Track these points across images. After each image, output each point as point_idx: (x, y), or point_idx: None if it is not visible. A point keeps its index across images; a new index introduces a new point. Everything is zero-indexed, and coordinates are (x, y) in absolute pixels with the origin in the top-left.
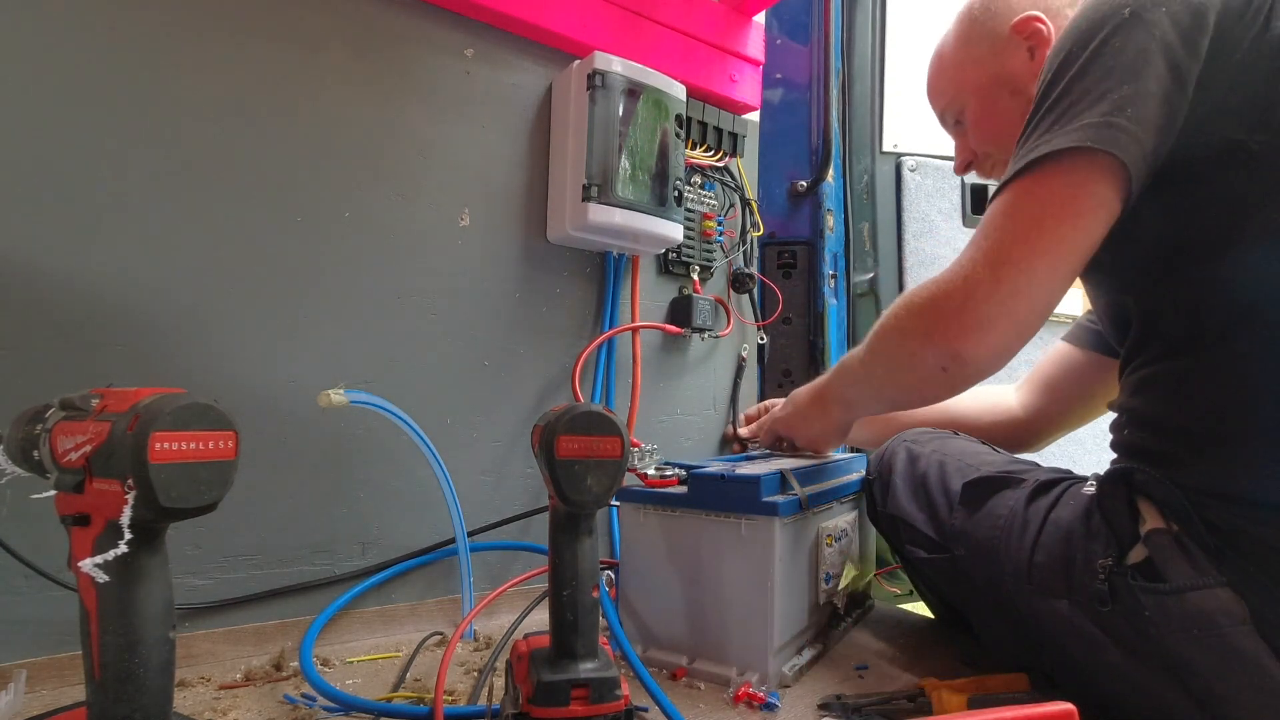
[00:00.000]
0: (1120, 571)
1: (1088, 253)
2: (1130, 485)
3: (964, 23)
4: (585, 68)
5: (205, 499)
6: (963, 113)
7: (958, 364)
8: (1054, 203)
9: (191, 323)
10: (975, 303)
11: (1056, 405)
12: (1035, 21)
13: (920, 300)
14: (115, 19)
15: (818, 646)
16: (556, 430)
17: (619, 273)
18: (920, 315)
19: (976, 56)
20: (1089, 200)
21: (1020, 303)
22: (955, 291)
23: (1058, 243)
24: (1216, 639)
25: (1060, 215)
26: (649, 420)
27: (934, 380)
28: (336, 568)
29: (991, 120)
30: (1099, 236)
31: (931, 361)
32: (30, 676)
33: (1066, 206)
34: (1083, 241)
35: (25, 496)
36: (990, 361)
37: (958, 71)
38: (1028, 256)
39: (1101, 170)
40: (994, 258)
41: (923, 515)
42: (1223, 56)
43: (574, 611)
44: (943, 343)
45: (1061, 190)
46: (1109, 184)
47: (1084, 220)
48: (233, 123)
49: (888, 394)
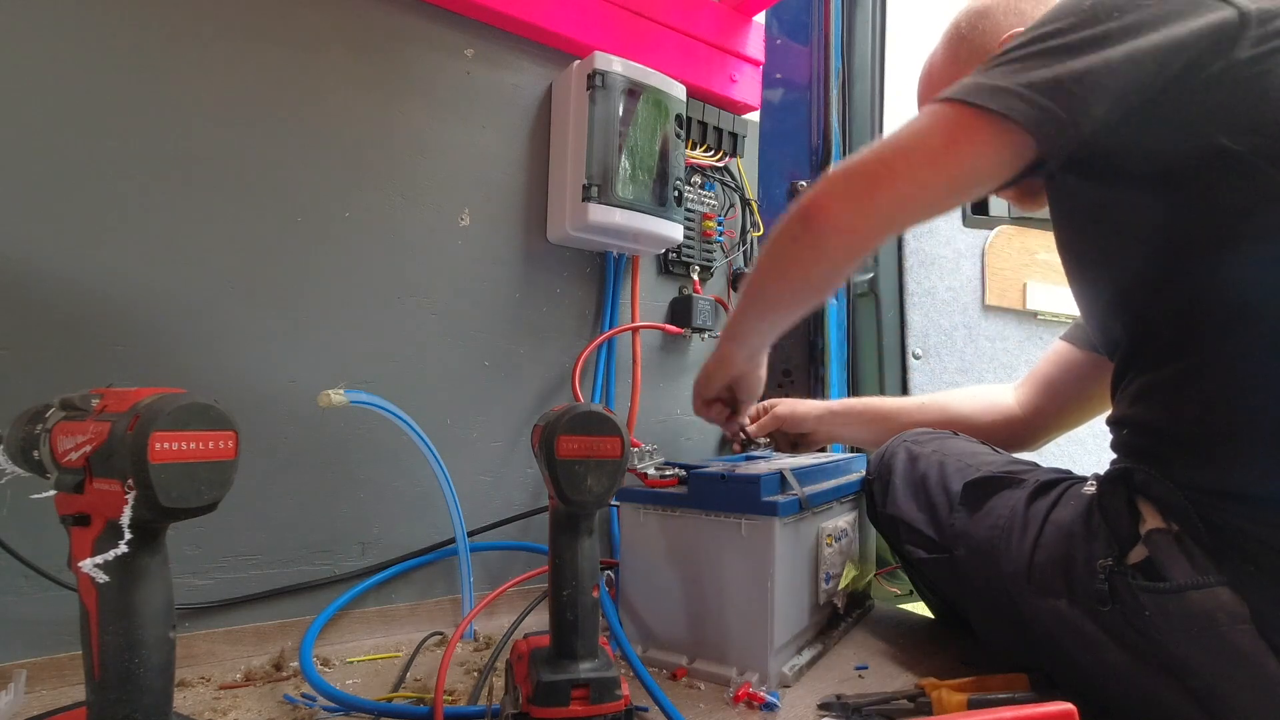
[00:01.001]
0: (1120, 571)
1: (941, 194)
2: (1130, 485)
3: (952, 40)
4: (585, 68)
5: (205, 499)
6: None
7: (807, 231)
8: (928, 140)
9: (191, 323)
10: (828, 183)
11: (1055, 405)
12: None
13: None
14: (116, 20)
15: (818, 646)
16: (556, 430)
17: (619, 273)
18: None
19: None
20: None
21: (862, 202)
22: (819, 181)
23: (909, 177)
24: (1217, 639)
25: (928, 154)
26: (649, 420)
27: (787, 251)
28: (336, 568)
29: None
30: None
31: (790, 233)
32: (30, 676)
33: (939, 150)
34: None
35: (25, 496)
36: (827, 232)
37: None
38: (884, 175)
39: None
40: (857, 163)
41: (923, 515)
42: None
43: (574, 611)
44: (797, 213)
45: (943, 134)
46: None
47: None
48: (233, 123)
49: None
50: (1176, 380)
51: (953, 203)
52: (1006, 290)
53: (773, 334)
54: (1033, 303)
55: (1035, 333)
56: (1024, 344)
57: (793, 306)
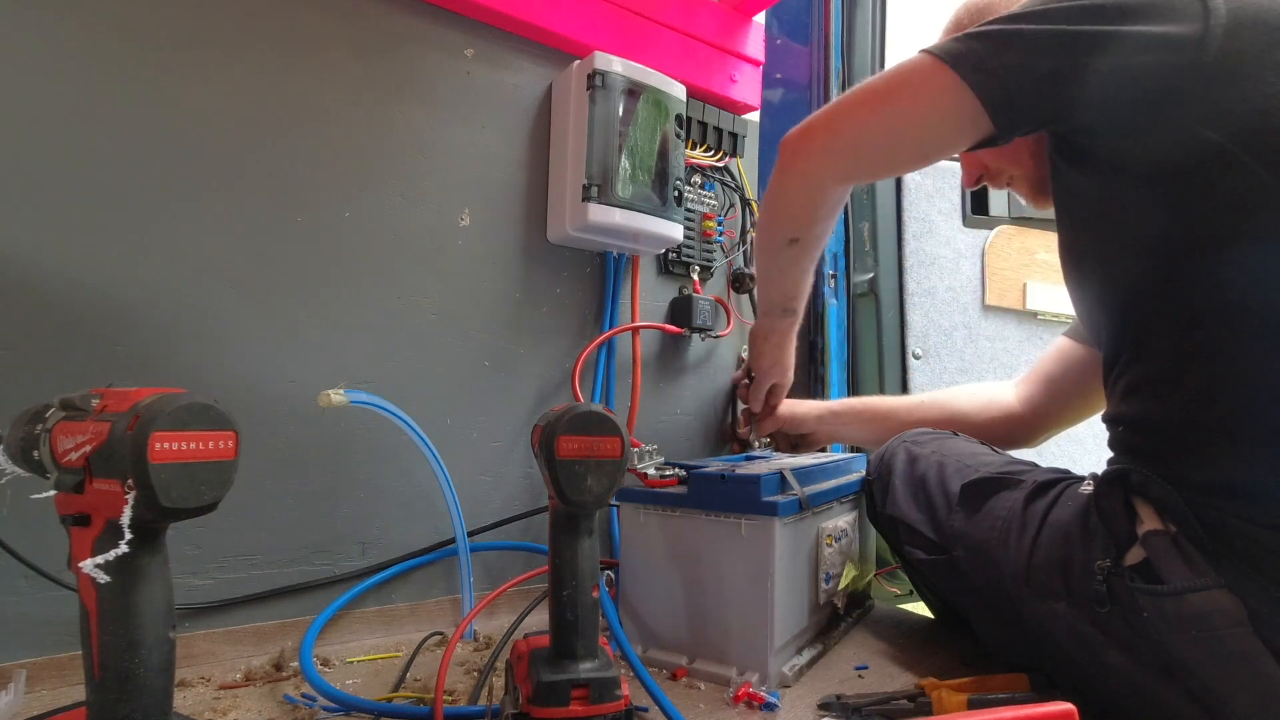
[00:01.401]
0: (1118, 573)
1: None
2: (1127, 486)
3: (952, 31)
4: (585, 68)
5: (205, 499)
6: None
7: (777, 169)
8: (897, 87)
9: (192, 323)
10: (803, 122)
11: (1055, 401)
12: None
13: None
14: (116, 20)
15: (818, 646)
16: (556, 430)
17: (619, 273)
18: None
19: None
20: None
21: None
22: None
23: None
24: (1214, 640)
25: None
26: (649, 420)
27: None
28: (336, 568)
29: None
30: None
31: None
32: (30, 676)
33: (895, 88)
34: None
35: (25, 496)
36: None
37: None
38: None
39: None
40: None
41: (922, 516)
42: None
43: (574, 611)
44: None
45: (911, 82)
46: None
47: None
48: (233, 123)
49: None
50: (1171, 376)
51: (916, 145)
52: (1006, 290)
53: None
54: (1033, 303)
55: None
56: (1024, 344)
57: (783, 252)
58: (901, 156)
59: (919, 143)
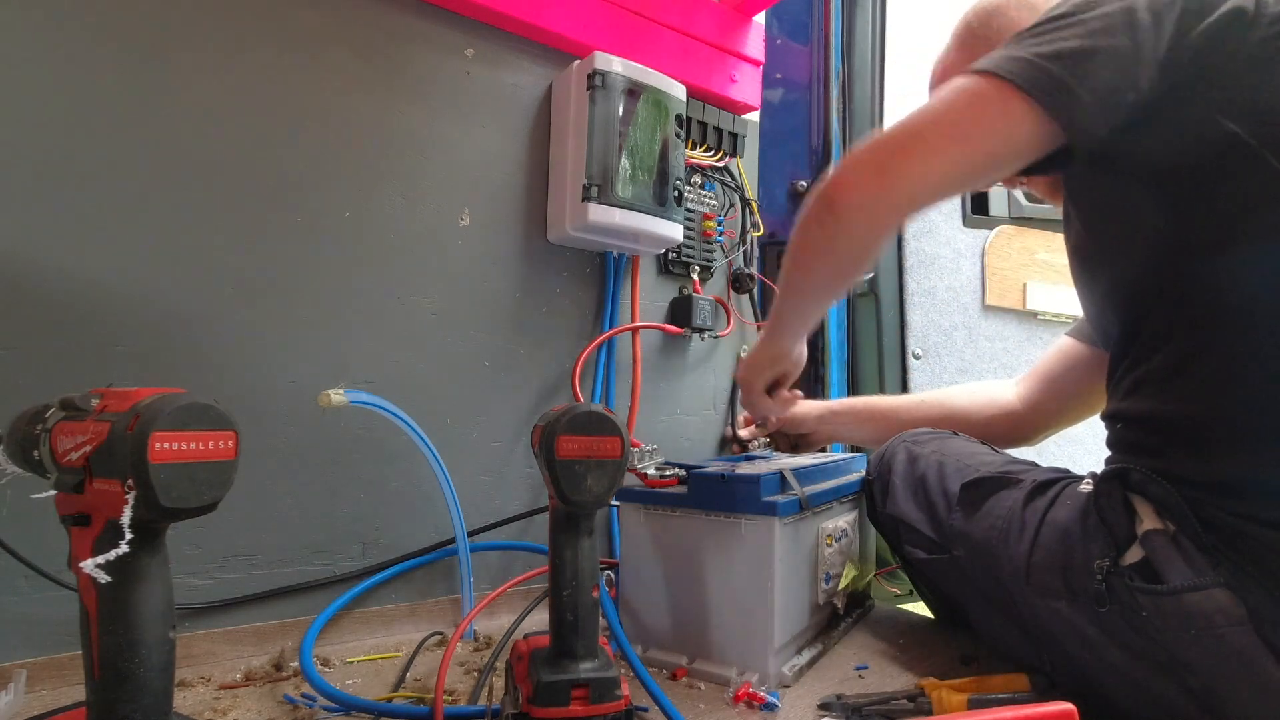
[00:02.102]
0: (1117, 572)
1: (966, 168)
2: (1126, 484)
3: (965, 40)
4: (585, 68)
5: (205, 499)
6: None
7: (828, 210)
8: (966, 113)
9: (192, 323)
10: (851, 161)
11: (1055, 399)
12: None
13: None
14: (116, 20)
15: (818, 646)
16: (556, 430)
17: (619, 273)
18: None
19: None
20: (985, 125)
21: (887, 170)
22: (842, 160)
23: (937, 149)
24: (1214, 639)
25: (952, 126)
26: (649, 420)
27: (813, 240)
28: (336, 568)
29: None
30: (990, 160)
31: (814, 216)
32: (30, 676)
33: (961, 122)
34: (962, 156)
35: (25, 496)
36: (849, 213)
37: None
38: (916, 140)
39: (1014, 104)
40: (882, 138)
41: (922, 516)
42: (1216, 47)
43: (574, 611)
44: (821, 194)
45: (965, 106)
46: (1019, 119)
47: (973, 142)
48: (233, 123)
49: (792, 279)
50: (1172, 373)
51: (979, 178)
52: (1006, 290)
53: (813, 320)
54: (1033, 303)
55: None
56: (1024, 344)
57: (826, 292)
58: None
59: (991, 170)
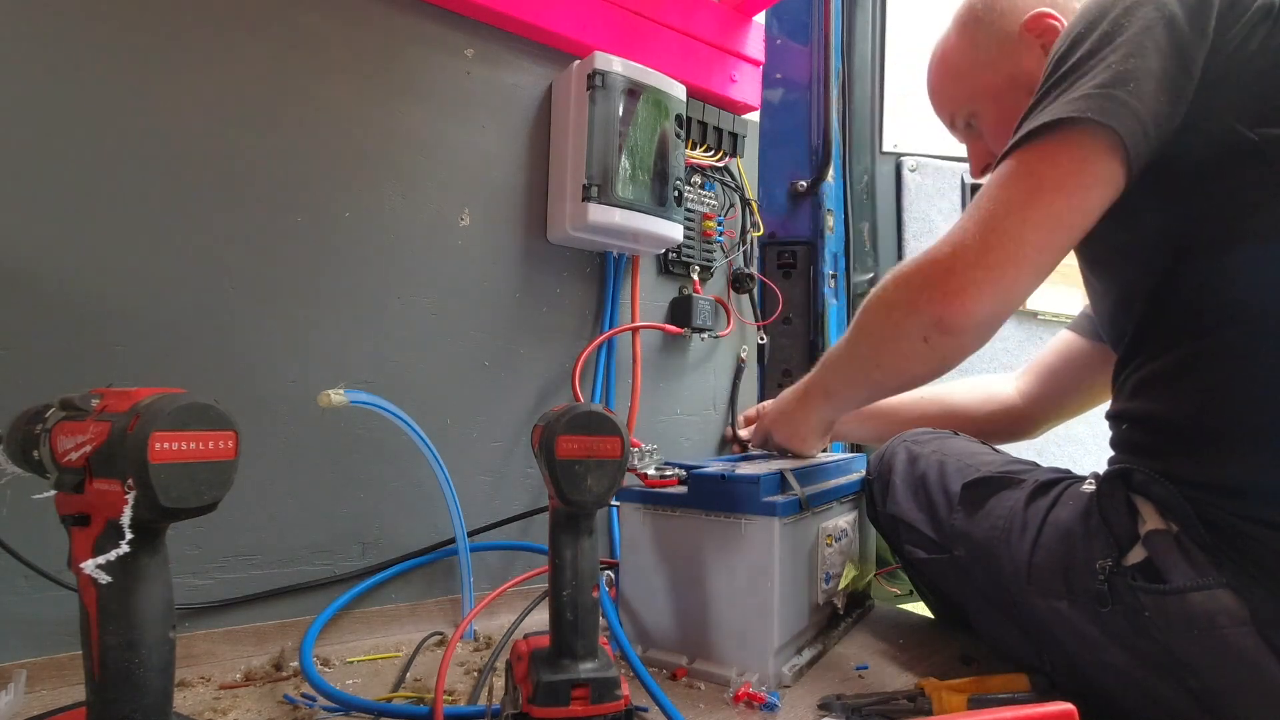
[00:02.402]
0: (1119, 572)
1: (1082, 227)
2: (1129, 485)
3: (968, 25)
4: (585, 68)
5: (205, 499)
6: (975, 116)
7: (939, 331)
8: (1050, 174)
9: (192, 323)
10: (961, 268)
11: (1055, 393)
12: (1047, 18)
13: (907, 270)
14: (115, 19)
15: (818, 646)
16: (556, 430)
17: (619, 273)
18: (905, 284)
19: (988, 60)
20: (1086, 173)
21: (1007, 272)
22: (943, 259)
23: (1051, 215)
24: (1217, 639)
25: (1056, 187)
26: (649, 420)
27: (916, 353)
28: (336, 568)
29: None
30: (1095, 211)
31: (915, 331)
32: (30, 676)
33: (1063, 178)
34: (1077, 214)
35: (25, 496)
36: (973, 331)
37: (970, 76)
38: (1019, 226)
39: (1099, 143)
40: (986, 227)
41: (922, 515)
42: (1230, 48)
43: (574, 611)
44: (927, 308)
45: (1058, 161)
46: (1107, 157)
47: (1080, 193)
48: (233, 123)
49: (871, 375)
50: (1176, 373)
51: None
52: None
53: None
54: (1033, 303)
55: (1035, 333)
56: (1024, 344)
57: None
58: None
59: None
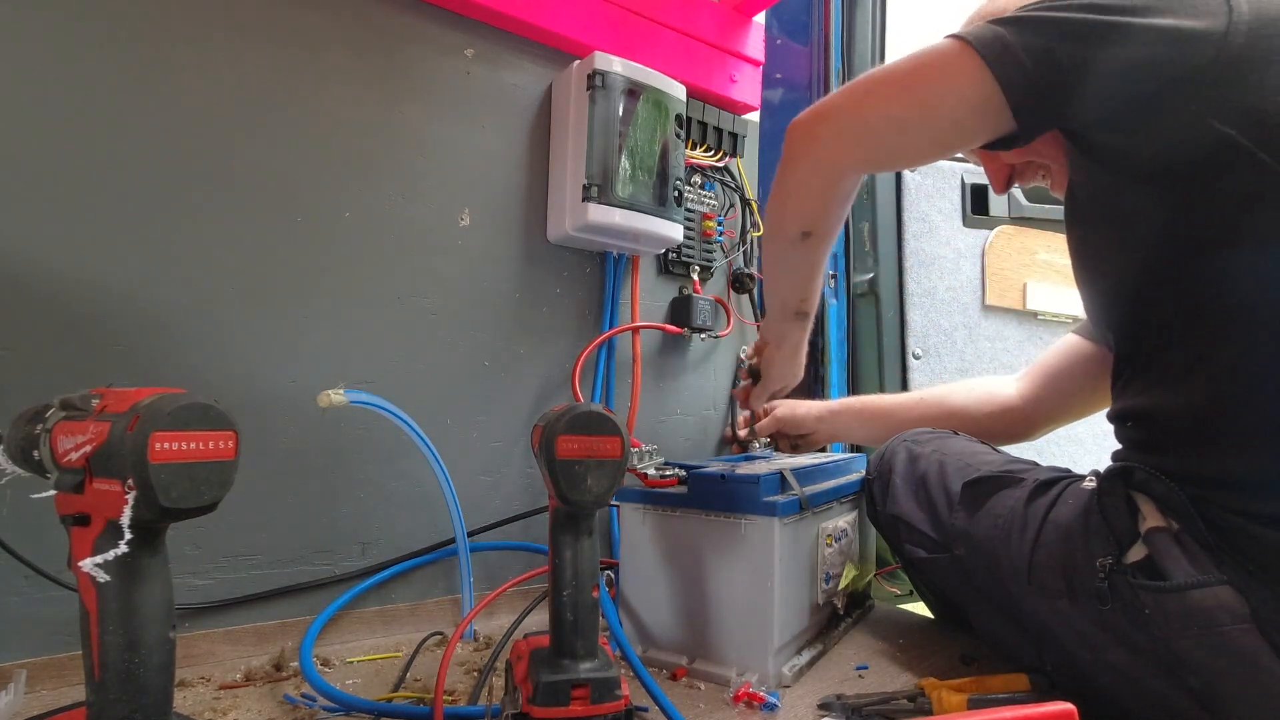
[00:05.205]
0: (1120, 570)
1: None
2: (1129, 483)
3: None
4: (585, 68)
5: (205, 499)
6: None
7: (797, 140)
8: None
9: (192, 323)
10: (811, 108)
11: (1057, 395)
12: None
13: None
14: (116, 20)
15: (818, 646)
16: (556, 430)
17: (619, 273)
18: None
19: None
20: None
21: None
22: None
23: (888, 97)
24: (1217, 637)
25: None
26: (649, 420)
27: (786, 178)
28: (336, 568)
29: None
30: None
31: (785, 153)
32: (30, 676)
33: (915, 74)
34: (910, 110)
35: (25, 496)
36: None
37: None
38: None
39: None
40: (845, 87)
41: (922, 515)
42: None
43: (574, 611)
44: (792, 128)
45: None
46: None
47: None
48: (233, 123)
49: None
50: (1178, 373)
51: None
52: (1006, 290)
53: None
54: (1033, 303)
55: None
56: (1024, 344)
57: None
58: (920, 145)
59: (939, 131)
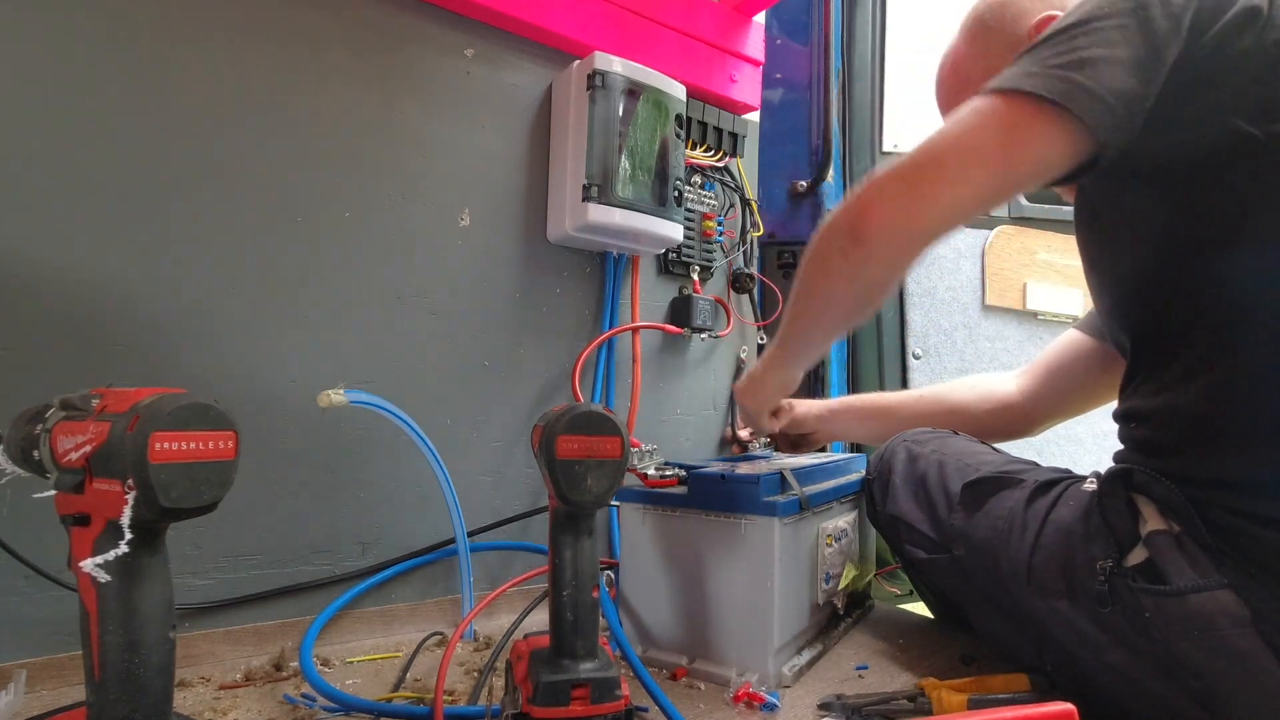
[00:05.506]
0: (1120, 573)
1: (996, 191)
2: (1130, 485)
3: (978, 33)
4: (585, 68)
5: (205, 499)
6: None
7: (851, 240)
8: (978, 135)
9: (192, 323)
10: (878, 180)
11: (1057, 391)
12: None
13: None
14: (115, 20)
15: (818, 646)
16: (556, 430)
17: (619, 273)
18: (831, 216)
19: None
20: (1015, 146)
21: (921, 188)
22: (863, 188)
23: (977, 153)
24: (1217, 640)
25: (979, 151)
26: (649, 420)
27: (835, 269)
28: (336, 568)
29: None
30: (1021, 180)
31: (833, 245)
32: (30, 676)
33: (988, 146)
34: (992, 181)
35: (25, 496)
36: (880, 240)
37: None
38: (945, 151)
39: (1045, 120)
40: (906, 165)
41: (922, 515)
42: (1209, 48)
43: (574, 611)
44: (842, 220)
45: (999, 127)
46: (1051, 135)
47: (1002, 164)
48: (233, 123)
49: (807, 308)
50: (1182, 374)
51: (1007, 197)
52: (1006, 290)
53: (825, 350)
54: (1033, 303)
55: (1035, 333)
56: (1024, 344)
57: (844, 322)
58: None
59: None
